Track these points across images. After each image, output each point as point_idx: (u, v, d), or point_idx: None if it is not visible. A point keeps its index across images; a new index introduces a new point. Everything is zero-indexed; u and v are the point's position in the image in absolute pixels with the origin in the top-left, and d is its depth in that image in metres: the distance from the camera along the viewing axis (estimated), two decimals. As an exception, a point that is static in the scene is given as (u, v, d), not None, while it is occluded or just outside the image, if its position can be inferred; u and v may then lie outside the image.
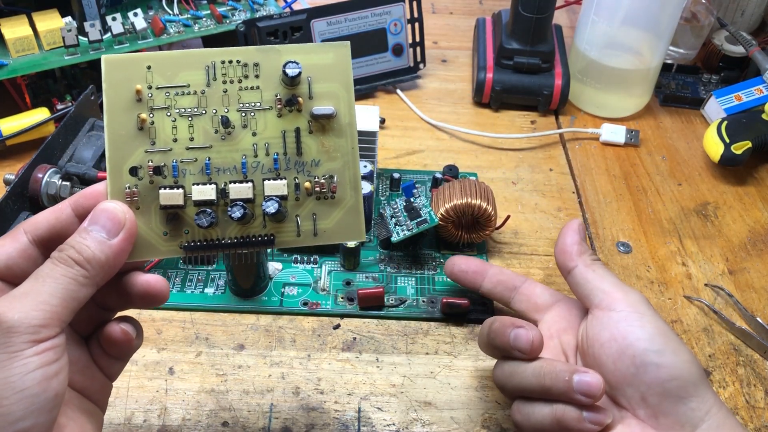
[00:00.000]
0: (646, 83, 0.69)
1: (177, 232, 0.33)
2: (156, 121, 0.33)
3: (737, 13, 0.79)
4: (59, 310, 0.28)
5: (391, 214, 0.53)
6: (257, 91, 0.33)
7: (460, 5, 0.88)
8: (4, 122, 0.58)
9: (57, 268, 0.29)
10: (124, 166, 0.32)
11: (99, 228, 0.30)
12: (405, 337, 0.49)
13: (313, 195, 0.34)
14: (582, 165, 0.65)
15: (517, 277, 0.47)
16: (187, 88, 0.33)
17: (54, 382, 0.28)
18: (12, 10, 0.61)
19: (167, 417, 0.43)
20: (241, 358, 0.47)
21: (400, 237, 0.51)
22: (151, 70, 0.33)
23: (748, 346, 0.50)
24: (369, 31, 0.68)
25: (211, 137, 0.33)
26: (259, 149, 0.33)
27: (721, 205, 0.61)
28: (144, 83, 0.33)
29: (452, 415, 0.45)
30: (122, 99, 0.33)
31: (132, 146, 0.33)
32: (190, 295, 0.50)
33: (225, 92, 0.33)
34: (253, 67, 0.33)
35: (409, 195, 0.53)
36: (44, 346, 0.28)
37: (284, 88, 0.34)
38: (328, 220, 0.34)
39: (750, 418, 0.45)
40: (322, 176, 0.34)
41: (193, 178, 0.33)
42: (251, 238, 0.33)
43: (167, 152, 0.33)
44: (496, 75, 0.69)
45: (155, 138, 0.33)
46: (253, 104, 0.33)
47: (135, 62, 0.33)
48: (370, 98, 0.71)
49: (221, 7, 0.67)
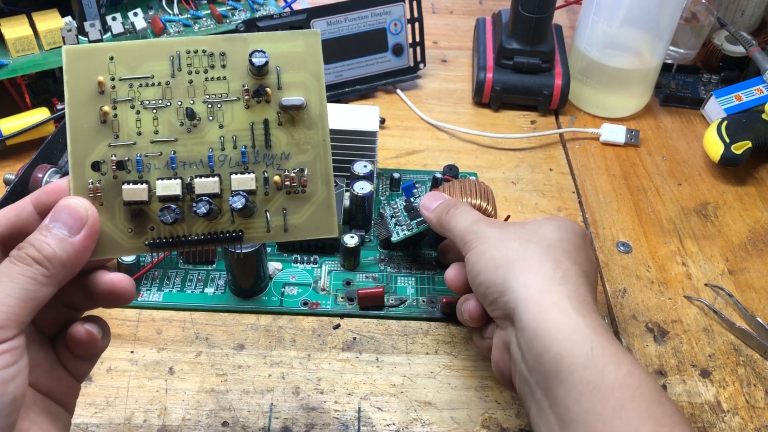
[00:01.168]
0: (646, 83, 0.69)
1: (142, 229, 0.32)
2: (119, 114, 0.31)
3: (737, 13, 0.79)
4: (17, 310, 0.27)
5: (391, 214, 0.53)
6: (224, 82, 0.32)
7: (460, 5, 0.88)
8: (4, 122, 0.58)
9: (15, 267, 0.28)
10: (86, 160, 0.31)
11: (60, 225, 0.29)
12: (405, 337, 0.49)
13: (283, 189, 0.32)
14: (582, 165, 0.65)
15: None
16: (151, 79, 0.32)
17: (11, 385, 0.27)
18: (12, 10, 0.61)
19: (167, 417, 0.43)
20: (241, 358, 0.47)
21: (399, 237, 0.51)
22: (113, 61, 0.32)
23: (748, 346, 0.50)
24: (369, 31, 0.68)
25: (176, 130, 0.32)
26: (227, 142, 0.32)
27: (721, 205, 0.61)
28: (107, 74, 0.31)
29: (452, 415, 0.45)
30: (84, 91, 0.31)
31: (95, 140, 0.31)
32: (190, 295, 0.50)
33: (190, 83, 0.32)
34: (219, 57, 0.32)
35: (409, 195, 0.53)
36: (1, 348, 0.27)
37: (252, 79, 0.32)
38: (299, 215, 0.33)
39: (750, 418, 0.45)
40: (292, 170, 0.32)
41: (158, 172, 0.32)
42: (218, 235, 0.32)
43: (131, 146, 0.32)
44: (496, 75, 0.69)
45: (118, 131, 0.31)
46: (219, 95, 0.32)
47: (97, 52, 0.32)
48: (370, 98, 0.71)
49: (221, 6, 0.67)
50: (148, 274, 0.51)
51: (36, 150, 0.51)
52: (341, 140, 0.55)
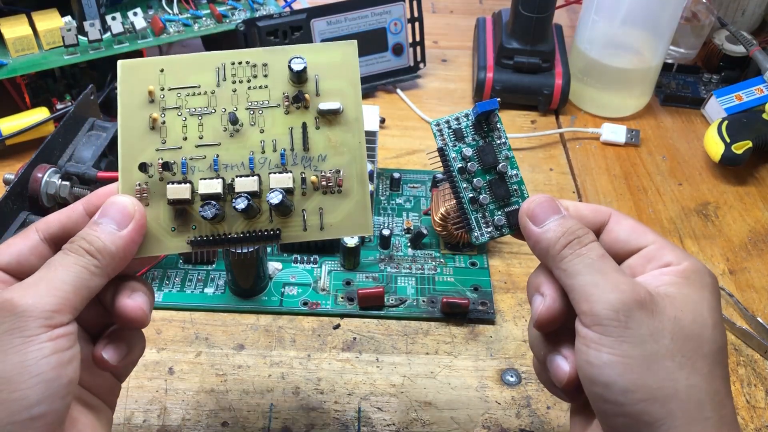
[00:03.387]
0: (647, 83, 0.69)
1: (185, 228, 0.33)
2: (167, 121, 0.33)
3: (738, 13, 0.79)
4: (71, 296, 0.28)
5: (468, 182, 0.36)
6: (265, 90, 0.34)
7: (461, 5, 0.88)
8: (3, 122, 0.58)
9: (68, 257, 0.29)
10: (135, 163, 0.33)
11: (109, 220, 0.31)
12: (405, 337, 0.49)
13: (320, 189, 0.34)
14: (582, 165, 0.65)
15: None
16: (198, 88, 0.34)
17: (68, 368, 0.28)
18: (12, 10, 0.61)
19: (167, 417, 0.43)
20: (241, 358, 0.47)
21: (485, 238, 0.36)
22: (163, 73, 0.34)
23: (749, 346, 0.50)
24: (369, 30, 0.68)
25: (220, 135, 0.34)
26: (267, 146, 0.34)
27: (722, 205, 0.61)
28: (157, 85, 0.34)
29: (452, 415, 0.45)
30: (136, 100, 0.34)
31: (143, 144, 0.33)
32: (190, 295, 0.50)
33: (234, 92, 0.34)
34: (261, 67, 0.34)
35: (487, 133, 0.36)
36: (58, 332, 0.28)
37: (292, 86, 0.34)
38: (335, 214, 0.34)
39: (750, 418, 0.45)
40: (328, 170, 0.34)
41: (202, 174, 0.33)
42: (257, 233, 0.33)
43: (177, 150, 0.33)
44: (496, 74, 0.69)
45: (166, 137, 0.33)
46: (261, 102, 0.34)
47: (149, 65, 0.34)
48: (370, 98, 0.71)
49: (221, 6, 0.67)
50: (148, 274, 0.51)
51: (36, 150, 0.50)
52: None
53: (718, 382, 0.30)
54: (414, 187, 0.60)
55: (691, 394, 0.29)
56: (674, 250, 0.32)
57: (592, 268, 0.30)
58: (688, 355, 0.29)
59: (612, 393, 0.29)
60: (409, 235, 0.56)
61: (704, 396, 0.29)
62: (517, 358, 0.48)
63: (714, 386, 0.29)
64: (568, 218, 0.33)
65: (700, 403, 0.29)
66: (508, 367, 0.47)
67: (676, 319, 0.29)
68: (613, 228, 0.33)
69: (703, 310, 0.30)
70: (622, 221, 0.33)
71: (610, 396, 0.29)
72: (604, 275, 0.30)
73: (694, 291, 0.30)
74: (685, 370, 0.29)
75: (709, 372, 0.29)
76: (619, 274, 0.30)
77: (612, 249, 0.33)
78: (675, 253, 0.32)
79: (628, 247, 0.33)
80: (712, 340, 0.30)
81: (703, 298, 0.30)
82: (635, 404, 0.29)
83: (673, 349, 0.29)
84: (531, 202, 0.33)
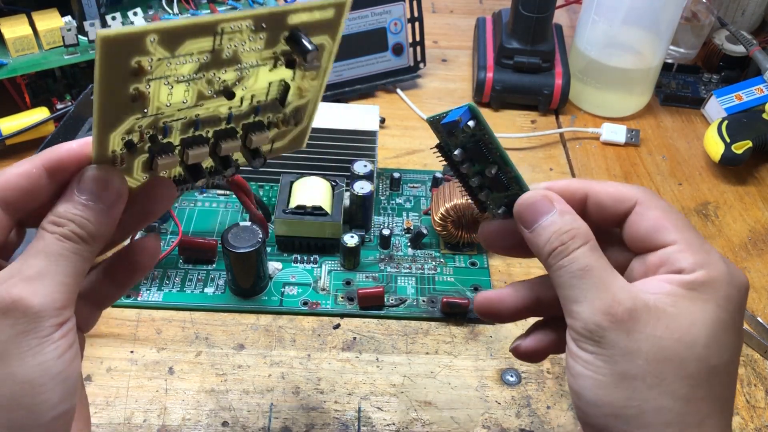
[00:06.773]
0: (647, 83, 0.69)
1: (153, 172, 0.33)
2: (152, 90, 0.30)
3: (738, 13, 0.79)
4: (74, 289, 0.28)
5: None
6: (258, 53, 0.32)
7: (461, 4, 0.88)
8: (3, 122, 0.58)
9: (65, 245, 0.28)
10: (113, 131, 0.30)
11: (96, 199, 0.29)
12: (405, 337, 0.49)
13: (279, 127, 0.35)
14: (582, 164, 0.65)
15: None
16: (190, 56, 0.31)
17: (77, 361, 0.28)
18: (12, 10, 0.61)
19: (167, 417, 0.43)
20: (241, 358, 0.47)
21: (500, 215, 0.35)
22: (154, 42, 0.30)
23: (749, 345, 0.50)
24: (369, 30, 0.68)
25: (203, 98, 0.32)
26: (245, 100, 0.34)
27: (722, 205, 0.61)
28: (145, 56, 0.30)
29: (452, 415, 0.45)
30: (117, 72, 0.30)
31: (124, 112, 0.30)
32: (190, 295, 0.50)
33: (226, 56, 0.31)
34: (254, 29, 0.32)
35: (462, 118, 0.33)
36: (66, 327, 0.27)
37: (282, 45, 0.33)
38: (283, 141, 0.36)
39: (750, 418, 0.45)
40: (289, 112, 0.35)
41: (180, 133, 0.32)
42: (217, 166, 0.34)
43: (158, 116, 0.31)
44: (496, 74, 0.69)
45: (148, 106, 0.31)
46: (250, 63, 0.33)
47: (137, 35, 0.29)
48: (370, 98, 0.71)
49: (221, 6, 0.67)
50: (148, 274, 0.51)
51: (36, 150, 0.51)
52: (341, 140, 0.55)
53: (702, 404, 0.28)
54: (414, 187, 0.60)
55: (660, 416, 0.28)
56: (696, 254, 0.30)
57: (573, 281, 0.30)
58: (663, 376, 0.28)
59: (581, 402, 0.30)
60: (409, 234, 0.56)
61: (674, 418, 0.28)
62: (517, 358, 0.48)
63: (692, 408, 0.28)
64: (557, 219, 0.31)
65: (667, 425, 0.28)
66: (508, 366, 0.47)
67: (655, 338, 0.28)
68: (635, 221, 0.31)
69: (698, 326, 0.29)
70: (647, 213, 0.31)
71: (580, 404, 0.30)
72: (584, 291, 0.29)
73: (694, 305, 0.29)
74: (654, 391, 0.28)
75: (687, 394, 0.28)
76: (600, 289, 0.29)
77: (631, 244, 0.32)
78: (696, 257, 0.30)
79: (648, 245, 0.31)
80: (702, 358, 0.28)
81: (705, 313, 0.29)
82: (600, 418, 0.29)
83: (647, 369, 0.28)
84: (520, 204, 0.33)
